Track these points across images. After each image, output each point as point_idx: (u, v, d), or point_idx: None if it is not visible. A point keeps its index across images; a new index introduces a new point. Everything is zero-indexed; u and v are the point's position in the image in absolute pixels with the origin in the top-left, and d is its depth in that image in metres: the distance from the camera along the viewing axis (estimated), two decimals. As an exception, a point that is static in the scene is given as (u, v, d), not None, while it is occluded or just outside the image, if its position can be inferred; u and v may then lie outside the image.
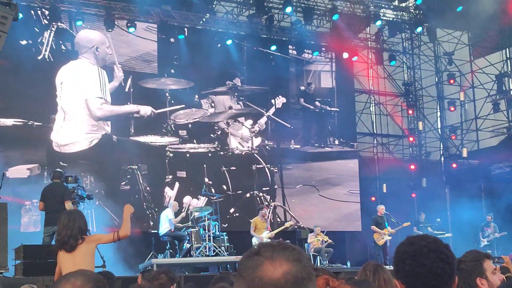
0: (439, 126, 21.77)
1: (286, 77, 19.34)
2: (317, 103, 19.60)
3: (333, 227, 18.08)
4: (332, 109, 19.86)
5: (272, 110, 18.51)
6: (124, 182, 16.48)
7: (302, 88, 19.62)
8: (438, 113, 21.84)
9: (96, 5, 16.43)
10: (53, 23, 16.11)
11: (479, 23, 20.09)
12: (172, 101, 17.38)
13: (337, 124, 19.95)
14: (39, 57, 16.01)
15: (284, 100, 18.68)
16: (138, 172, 16.65)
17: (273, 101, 18.59)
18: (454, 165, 20.75)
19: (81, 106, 16.18)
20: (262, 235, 14.70)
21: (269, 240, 14.55)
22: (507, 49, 20.29)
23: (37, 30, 16.11)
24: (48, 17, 16.13)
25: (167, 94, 17.36)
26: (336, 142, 19.78)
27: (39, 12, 16.16)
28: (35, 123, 15.71)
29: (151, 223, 16.28)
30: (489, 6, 18.92)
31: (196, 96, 17.78)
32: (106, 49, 16.67)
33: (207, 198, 16.68)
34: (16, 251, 10.44)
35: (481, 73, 20.55)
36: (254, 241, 14.66)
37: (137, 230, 15.66)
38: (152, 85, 17.30)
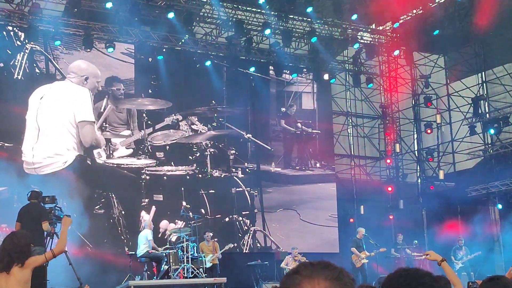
0: (416, 148, 21.84)
1: (266, 98, 19.24)
2: (298, 124, 19.48)
3: (311, 249, 17.87)
4: (313, 131, 19.77)
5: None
6: (98, 206, 16.02)
7: (283, 109, 19.49)
8: (415, 136, 21.93)
9: (75, 25, 16.15)
10: (27, 46, 15.75)
11: (455, 46, 20.36)
12: (149, 122, 17.11)
13: (318, 147, 19.82)
14: (12, 79, 15.65)
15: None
16: (113, 195, 16.22)
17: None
18: (431, 187, 20.79)
19: (62, 125, 15.79)
20: (206, 259, 14.62)
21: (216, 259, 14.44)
22: (483, 72, 20.51)
23: (10, 52, 15.76)
24: (21, 38, 15.78)
25: (144, 115, 17.09)
26: (318, 165, 19.62)
27: (11, 33, 15.79)
28: (6, 144, 15.29)
29: (126, 248, 15.81)
30: (465, 30, 19.14)
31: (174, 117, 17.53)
32: (96, 83, 16.36)
33: (184, 222, 16.32)
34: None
35: (457, 96, 20.71)
36: None
37: (111, 253, 15.33)
38: (130, 106, 17.02)
